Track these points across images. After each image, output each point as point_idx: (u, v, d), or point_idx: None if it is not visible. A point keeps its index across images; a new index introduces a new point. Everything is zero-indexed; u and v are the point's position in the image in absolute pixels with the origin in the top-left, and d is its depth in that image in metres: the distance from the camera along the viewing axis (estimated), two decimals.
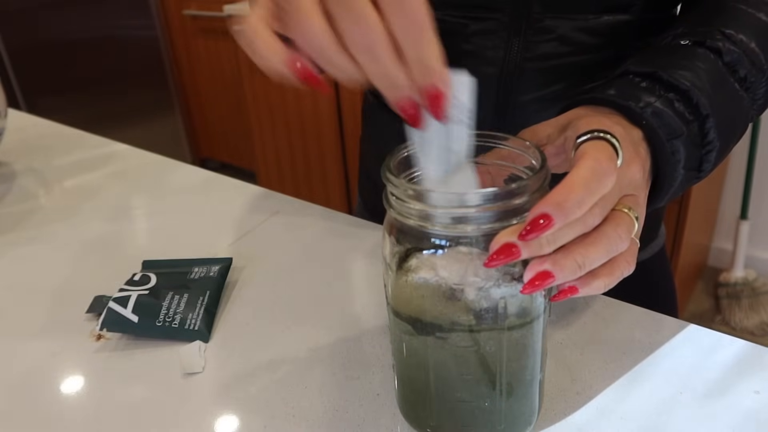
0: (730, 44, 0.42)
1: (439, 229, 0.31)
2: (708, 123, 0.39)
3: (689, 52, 0.41)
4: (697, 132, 0.39)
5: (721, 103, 0.40)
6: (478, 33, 0.54)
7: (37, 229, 0.68)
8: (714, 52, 0.41)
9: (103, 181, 0.80)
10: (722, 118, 0.40)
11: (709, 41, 0.42)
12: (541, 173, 0.31)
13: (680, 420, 0.38)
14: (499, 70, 0.54)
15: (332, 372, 0.44)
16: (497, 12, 0.52)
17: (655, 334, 0.45)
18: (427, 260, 0.32)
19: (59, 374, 0.46)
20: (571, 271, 0.30)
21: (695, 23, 0.44)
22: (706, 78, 0.40)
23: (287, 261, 0.59)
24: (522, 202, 0.30)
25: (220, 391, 0.43)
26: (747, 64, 0.42)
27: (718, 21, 0.43)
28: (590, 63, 0.53)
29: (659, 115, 0.38)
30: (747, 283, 1.85)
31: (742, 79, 0.42)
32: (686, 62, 0.40)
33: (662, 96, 0.38)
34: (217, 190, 0.75)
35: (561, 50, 0.53)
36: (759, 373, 0.41)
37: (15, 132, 0.92)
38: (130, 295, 0.50)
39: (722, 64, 0.41)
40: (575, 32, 0.52)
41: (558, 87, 0.54)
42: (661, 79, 0.39)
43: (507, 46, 0.53)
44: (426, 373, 0.35)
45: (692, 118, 0.39)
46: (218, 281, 0.54)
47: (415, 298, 0.33)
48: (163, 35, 2.79)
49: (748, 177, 1.76)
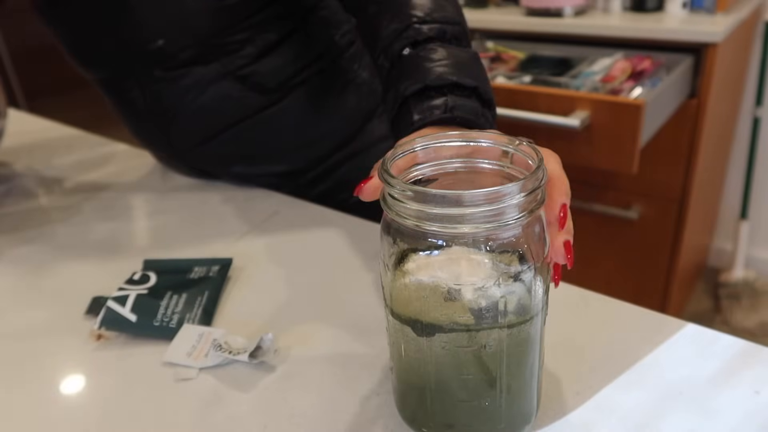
0: (428, 26, 0.51)
1: (437, 230, 0.31)
2: (479, 90, 0.49)
3: (419, 56, 0.50)
4: (482, 90, 0.49)
5: (463, 64, 0.50)
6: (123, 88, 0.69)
7: (37, 229, 0.68)
8: (428, 41, 0.51)
9: (103, 181, 0.80)
10: (471, 75, 0.49)
11: (419, 36, 0.51)
12: (538, 173, 0.31)
13: (680, 420, 0.38)
14: (144, 105, 0.69)
15: (332, 372, 0.44)
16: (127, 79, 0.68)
17: (655, 334, 0.45)
18: (424, 261, 0.32)
19: (59, 374, 0.46)
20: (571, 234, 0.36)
21: (390, 24, 0.52)
22: (448, 62, 0.49)
23: (287, 261, 0.59)
24: (517, 202, 0.30)
25: (219, 390, 0.43)
26: (449, 29, 0.51)
27: (403, 12, 0.52)
28: (199, 78, 0.66)
29: (460, 108, 0.47)
30: (747, 283, 1.85)
31: (455, 39, 0.52)
32: (431, 63, 0.49)
33: (446, 95, 0.47)
34: (217, 190, 0.75)
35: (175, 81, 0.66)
36: (759, 373, 0.41)
37: (15, 132, 0.92)
38: (128, 294, 0.50)
39: (440, 42, 0.51)
40: (171, 69, 0.65)
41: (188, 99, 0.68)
42: (431, 86, 0.48)
43: (143, 90, 0.68)
44: (425, 374, 0.35)
45: (468, 92, 0.49)
46: (217, 281, 0.54)
47: (414, 299, 0.33)
48: None
49: (748, 177, 1.76)
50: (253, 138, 0.71)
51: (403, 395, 0.39)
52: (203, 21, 0.63)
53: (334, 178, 0.76)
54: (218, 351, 0.45)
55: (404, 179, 0.34)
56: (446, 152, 0.36)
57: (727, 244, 1.92)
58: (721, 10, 1.36)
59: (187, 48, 0.64)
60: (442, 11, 0.52)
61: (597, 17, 1.45)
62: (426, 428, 0.38)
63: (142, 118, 0.71)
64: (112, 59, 0.67)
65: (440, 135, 0.36)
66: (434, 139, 0.36)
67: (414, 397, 0.37)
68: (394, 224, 0.33)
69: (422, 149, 0.36)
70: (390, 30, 0.52)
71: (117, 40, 0.64)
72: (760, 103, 1.66)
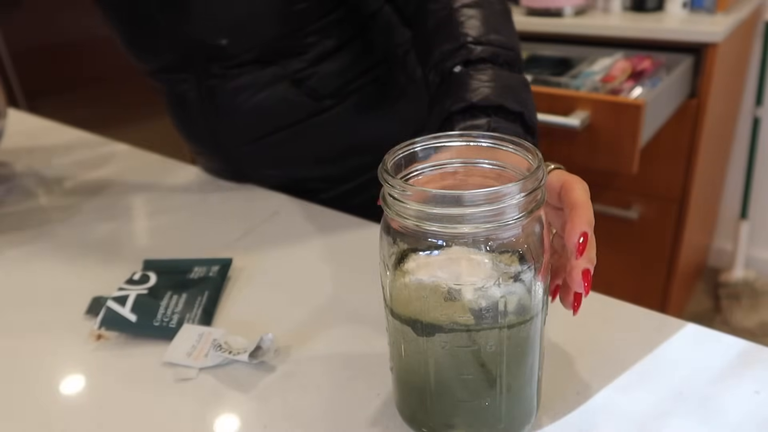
0: (483, 48, 0.52)
1: (437, 230, 0.31)
2: (524, 116, 0.49)
3: (469, 74, 0.51)
4: (527, 114, 0.50)
5: (510, 87, 0.50)
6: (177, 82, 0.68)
7: (37, 229, 0.68)
8: (481, 62, 0.51)
9: (103, 181, 0.80)
10: (517, 100, 0.50)
11: (471, 56, 0.51)
12: (537, 173, 0.31)
13: (680, 420, 0.38)
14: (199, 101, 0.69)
15: (332, 372, 0.44)
16: (185, 72, 0.67)
17: (655, 334, 0.45)
18: (424, 261, 0.32)
19: (59, 374, 0.46)
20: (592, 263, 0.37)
21: (446, 43, 0.53)
22: (496, 84, 0.49)
23: (287, 261, 0.59)
24: (517, 202, 0.30)
25: (219, 390, 0.43)
26: (502, 54, 0.52)
27: (460, 32, 0.53)
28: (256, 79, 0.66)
29: (502, 131, 0.47)
30: (747, 283, 1.85)
31: (507, 64, 0.52)
32: (477, 83, 0.50)
33: (490, 115, 0.48)
34: (217, 190, 0.75)
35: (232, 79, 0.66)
36: (759, 373, 0.41)
37: (15, 132, 0.92)
38: (128, 294, 0.50)
39: (492, 64, 0.51)
40: (233, 68, 0.65)
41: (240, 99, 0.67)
42: (476, 105, 0.48)
43: (198, 85, 0.68)
44: (425, 374, 0.35)
45: (513, 117, 0.49)
46: (217, 281, 0.54)
47: (414, 299, 0.33)
48: None
49: (748, 177, 1.76)
50: (301, 142, 0.70)
51: (403, 395, 0.39)
52: (269, 24, 0.63)
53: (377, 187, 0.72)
54: (218, 351, 0.45)
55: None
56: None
57: (727, 244, 1.92)
58: (721, 10, 1.36)
59: (251, 49, 0.64)
60: (497, 34, 0.53)
61: (597, 17, 1.45)
62: (426, 428, 0.37)
63: (191, 112, 0.70)
64: (171, 53, 0.66)
65: (441, 135, 0.36)
66: (434, 139, 0.36)
67: (414, 397, 0.37)
68: (394, 224, 0.33)
69: (422, 149, 0.36)
70: (444, 47, 0.53)
71: (179, 35, 0.64)
72: (760, 103, 1.66)
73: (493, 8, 0.55)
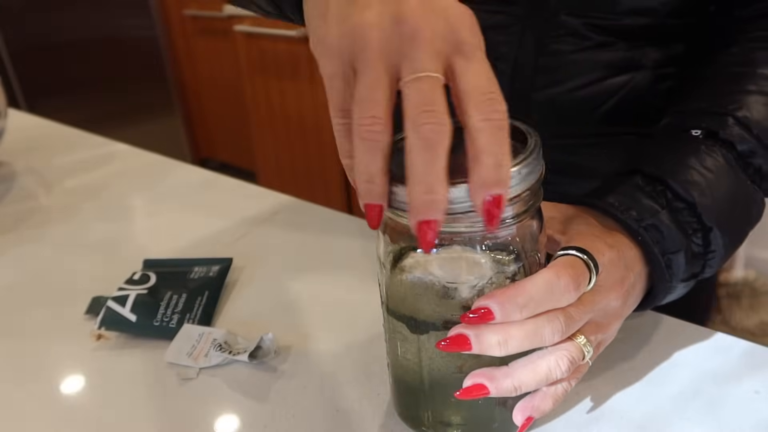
0: (744, 131, 0.40)
1: None
2: (712, 233, 0.38)
3: (700, 149, 0.40)
4: (701, 242, 0.38)
5: (728, 209, 0.39)
6: (492, 27, 0.51)
7: (37, 229, 0.68)
8: (727, 146, 0.40)
9: (103, 181, 0.80)
10: (729, 225, 0.39)
11: (722, 132, 0.40)
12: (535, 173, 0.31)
13: (680, 420, 0.38)
14: (512, 67, 0.52)
15: (332, 372, 0.44)
16: (512, 5, 0.50)
17: (654, 334, 0.45)
18: (421, 259, 0.32)
19: (59, 374, 0.46)
20: (506, 391, 0.32)
21: (710, 101, 0.43)
22: (717, 184, 0.38)
23: (287, 261, 0.59)
24: (514, 203, 0.30)
25: (219, 390, 0.43)
26: (761, 153, 0.40)
27: (733, 98, 0.42)
28: (603, 59, 0.51)
29: (658, 230, 0.37)
30: (747, 283, 1.85)
31: (757, 170, 0.41)
32: (697, 165, 0.39)
33: (667, 206, 0.38)
34: (217, 190, 0.75)
35: (573, 46, 0.51)
36: (759, 373, 0.41)
37: (15, 132, 0.92)
38: (128, 294, 0.50)
39: (735, 158, 0.40)
40: (590, 30, 0.50)
41: (572, 84, 0.52)
42: (669, 186, 0.38)
43: (520, 41, 0.51)
44: (420, 372, 0.35)
45: (697, 228, 0.38)
46: (217, 281, 0.54)
47: (409, 296, 0.33)
48: (163, 35, 2.79)
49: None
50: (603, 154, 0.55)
51: (400, 393, 0.39)
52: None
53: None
54: (218, 351, 0.45)
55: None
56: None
57: None
58: None
59: (637, 17, 0.49)
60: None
61: None
62: (424, 427, 0.38)
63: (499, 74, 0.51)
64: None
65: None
66: None
67: (409, 394, 0.38)
68: (390, 222, 0.33)
69: None
70: (707, 104, 0.43)
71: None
72: None
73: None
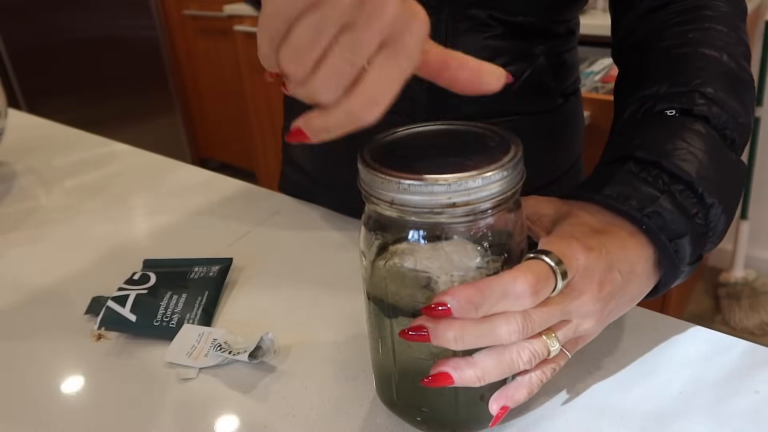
0: (715, 107, 0.42)
1: (415, 219, 0.31)
2: (713, 210, 0.39)
3: (683, 126, 0.41)
4: (703, 221, 0.39)
5: (722, 180, 0.39)
6: None
7: (37, 229, 0.68)
8: (702, 120, 0.41)
9: (103, 181, 0.80)
10: (725, 196, 0.39)
11: (695, 108, 0.42)
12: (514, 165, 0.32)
13: (680, 420, 0.38)
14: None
15: (332, 372, 0.44)
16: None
17: (654, 334, 0.45)
18: (403, 250, 0.33)
19: (59, 374, 0.46)
20: (470, 380, 0.33)
21: (670, 82, 0.44)
22: (707, 160, 0.39)
23: (287, 261, 0.59)
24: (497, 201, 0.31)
25: (219, 390, 0.43)
26: (732, 125, 0.42)
27: (691, 76, 0.43)
28: (506, 47, 0.56)
29: (661, 216, 0.37)
30: (747, 283, 1.85)
31: (732, 141, 0.42)
32: (684, 144, 0.39)
33: (666, 190, 0.38)
34: (217, 190, 0.75)
35: (480, 34, 0.55)
36: (759, 373, 0.41)
37: (15, 132, 0.92)
38: (128, 294, 0.50)
39: (714, 132, 0.41)
40: (494, 20, 0.55)
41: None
42: (665, 169, 0.39)
43: (434, 30, 0.53)
44: (391, 357, 0.36)
45: (697, 210, 0.38)
46: (218, 281, 0.54)
47: (387, 281, 0.34)
48: (163, 35, 2.79)
49: (747, 177, 1.76)
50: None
51: (377, 375, 0.40)
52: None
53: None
54: (218, 351, 0.45)
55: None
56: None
57: (727, 244, 1.92)
58: None
59: (523, 14, 0.55)
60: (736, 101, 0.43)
61: (597, 17, 1.45)
62: (404, 411, 0.39)
63: None
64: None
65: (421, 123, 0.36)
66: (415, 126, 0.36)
67: (383, 377, 0.39)
68: (373, 214, 0.33)
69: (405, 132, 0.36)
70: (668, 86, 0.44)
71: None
72: (760, 103, 1.66)
73: (743, 76, 0.45)
